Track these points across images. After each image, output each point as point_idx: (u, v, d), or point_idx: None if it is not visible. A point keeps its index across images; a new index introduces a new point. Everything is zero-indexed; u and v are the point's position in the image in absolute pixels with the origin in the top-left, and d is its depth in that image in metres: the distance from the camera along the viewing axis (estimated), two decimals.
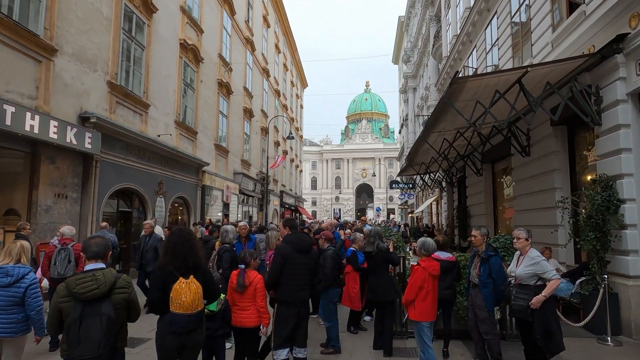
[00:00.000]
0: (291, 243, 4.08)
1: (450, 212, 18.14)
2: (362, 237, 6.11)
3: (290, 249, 4.04)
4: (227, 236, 5.34)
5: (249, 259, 4.02)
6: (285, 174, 34.29)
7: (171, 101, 13.72)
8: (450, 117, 8.49)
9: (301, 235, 4.25)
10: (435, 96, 23.45)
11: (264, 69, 26.72)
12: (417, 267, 4.35)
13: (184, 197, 14.67)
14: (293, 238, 4.14)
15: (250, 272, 3.98)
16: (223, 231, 5.42)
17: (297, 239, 4.12)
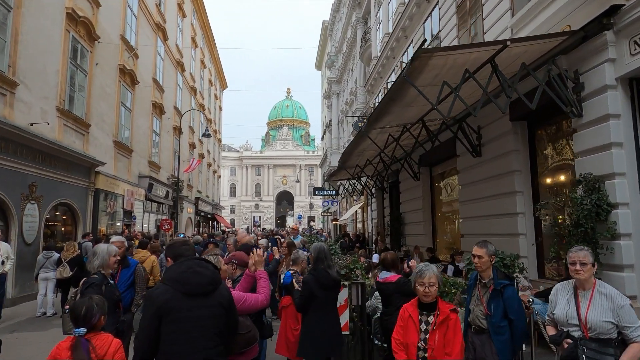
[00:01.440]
0: (174, 283, 2.32)
1: (380, 219, 17.22)
2: (305, 256, 4.47)
3: (172, 294, 2.27)
4: (96, 260, 3.37)
5: (96, 315, 2.22)
6: (201, 179, 31.47)
7: (52, 83, 10.94)
8: (398, 109, 7.26)
9: (194, 266, 2.45)
10: (363, 99, 22.74)
11: (178, 61, 24.03)
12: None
13: (69, 204, 11.82)
14: (177, 273, 2.37)
15: (99, 337, 2.22)
16: (91, 254, 3.45)
17: (183, 276, 2.35)
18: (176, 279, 2.30)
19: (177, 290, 2.26)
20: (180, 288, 2.27)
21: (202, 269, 2.40)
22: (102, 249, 3.43)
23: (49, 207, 10.77)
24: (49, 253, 8.73)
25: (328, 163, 37.02)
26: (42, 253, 8.76)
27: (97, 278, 3.26)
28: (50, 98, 10.84)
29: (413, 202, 12.10)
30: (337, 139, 33.97)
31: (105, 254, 3.39)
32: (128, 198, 15.55)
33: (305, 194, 78.52)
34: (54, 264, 8.69)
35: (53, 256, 8.74)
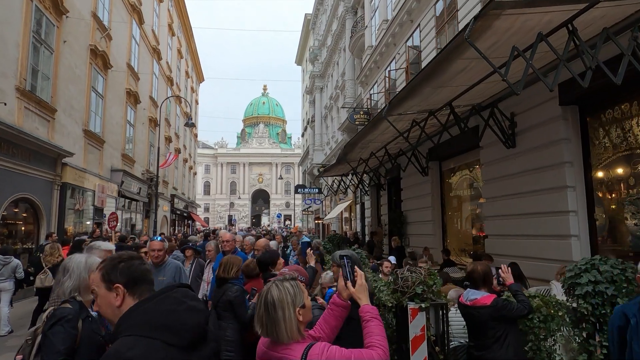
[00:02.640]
0: (162, 332, 1.28)
1: (374, 218, 16.25)
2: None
3: (165, 354, 1.24)
4: (69, 281, 2.16)
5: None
6: (177, 175, 29.76)
7: (10, 58, 9.38)
8: (429, 90, 6.24)
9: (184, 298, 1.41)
10: (352, 92, 21.75)
11: (154, 48, 22.36)
12: None
13: (30, 199, 10.25)
14: (163, 315, 1.32)
15: None
16: (61, 270, 2.22)
17: (176, 318, 1.33)
18: (165, 325, 1.28)
19: (171, 345, 1.23)
20: (174, 340, 1.25)
21: (195, 301, 1.44)
22: (77, 263, 2.19)
23: (6, 202, 9.21)
24: (6, 258, 7.29)
25: (310, 160, 35.91)
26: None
27: (69, 309, 2.04)
28: (8, 75, 9.28)
29: (419, 200, 11.15)
30: (320, 135, 32.90)
31: (83, 270, 2.17)
32: (99, 194, 13.98)
33: (282, 193, 77.22)
34: (11, 271, 7.27)
35: (11, 262, 7.32)
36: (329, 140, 29.19)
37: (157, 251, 3.98)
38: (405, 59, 12.43)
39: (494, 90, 6.82)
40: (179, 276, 4.05)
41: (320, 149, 32.41)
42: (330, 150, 28.05)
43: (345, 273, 1.88)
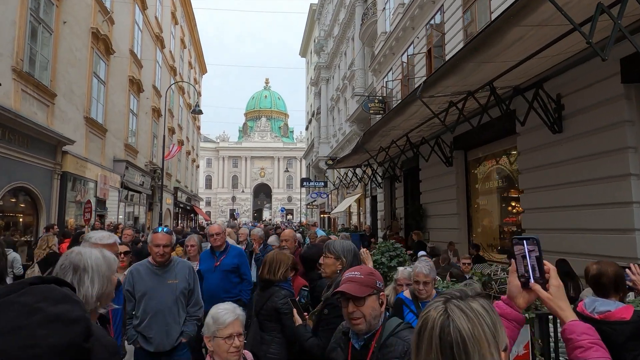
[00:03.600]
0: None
1: (387, 212, 15.61)
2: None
3: None
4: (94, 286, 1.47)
5: None
6: (180, 168, 29.11)
7: (7, 37, 8.70)
8: (472, 66, 5.57)
9: None
10: (363, 82, 21.03)
11: (157, 36, 21.64)
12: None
13: (28, 189, 9.61)
14: None
15: None
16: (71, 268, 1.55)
17: None
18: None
19: None
20: None
21: (65, 305, 0.88)
22: (95, 259, 1.52)
23: (3, 191, 8.57)
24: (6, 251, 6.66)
25: (315, 153, 35.22)
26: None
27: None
28: (4, 55, 8.61)
29: (441, 192, 10.50)
30: (326, 127, 32.20)
31: (107, 268, 1.51)
32: (101, 185, 13.33)
33: (284, 187, 76.57)
34: (10, 267, 6.66)
35: (8, 257, 6.70)
36: (336, 132, 28.50)
37: (162, 247, 3.13)
38: (425, 43, 11.73)
39: (540, 68, 6.15)
40: (192, 280, 3.30)
41: (326, 141, 31.71)
42: (337, 142, 27.37)
43: (529, 267, 1.22)
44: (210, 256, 4.42)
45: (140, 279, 3.20)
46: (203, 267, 4.33)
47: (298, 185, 73.56)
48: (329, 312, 2.27)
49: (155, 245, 3.16)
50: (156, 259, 3.19)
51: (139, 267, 3.26)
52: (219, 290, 4.02)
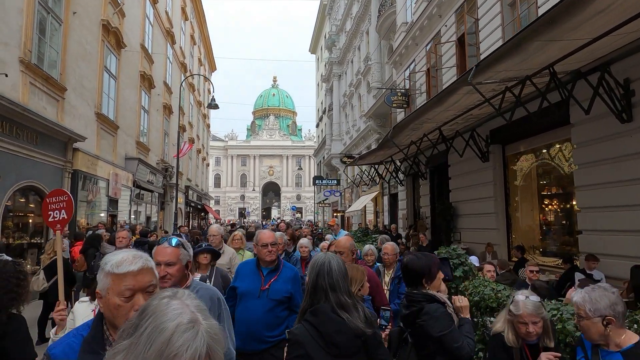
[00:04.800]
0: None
1: (409, 210, 14.92)
2: None
3: None
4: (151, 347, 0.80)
5: None
6: (191, 166, 28.62)
7: (13, 26, 8.14)
8: (537, 45, 4.88)
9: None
10: (379, 76, 20.33)
11: (168, 31, 21.10)
12: None
13: (37, 188, 9.06)
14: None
15: None
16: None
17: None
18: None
19: None
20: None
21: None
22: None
23: (10, 191, 8.02)
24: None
25: (327, 150, 34.55)
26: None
27: None
28: (11, 45, 8.05)
29: (476, 189, 9.80)
30: (338, 124, 31.52)
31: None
32: (113, 183, 12.80)
33: (292, 186, 76.06)
34: None
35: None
36: (349, 129, 27.83)
37: (163, 266, 2.00)
38: (455, 31, 11.01)
39: (608, 48, 5.43)
40: (217, 314, 2.15)
41: (338, 138, 31.04)
42: (351, 139, 26.70)
43: None
44: (254, 272, 3.13)
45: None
46: (243, 287, 3.09)
47: (307, 184, 73.29)
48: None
49: (158, 257, 2.03)
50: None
51: None
52: (262, 326, 2.94)
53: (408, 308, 2.33)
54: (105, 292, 1.36)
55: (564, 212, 7.77)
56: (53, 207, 3.25)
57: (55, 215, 3.23)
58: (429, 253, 2.65)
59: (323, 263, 2.06)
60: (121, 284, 1.33)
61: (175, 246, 2.06)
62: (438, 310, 2.22)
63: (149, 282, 1.37)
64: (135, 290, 1.34)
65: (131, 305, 1.32)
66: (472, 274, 4.06)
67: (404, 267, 2.44)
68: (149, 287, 1.37)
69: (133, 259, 1.37)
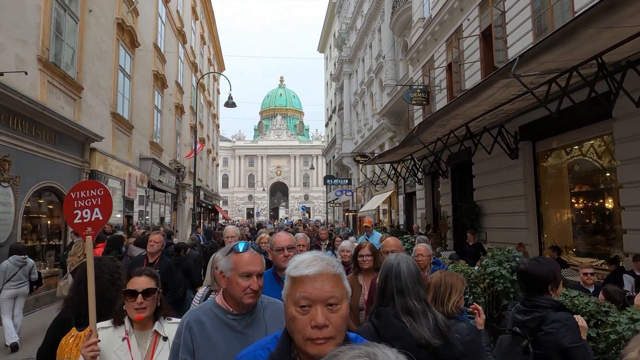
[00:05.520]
0: None
1: (429, 210, 14.63)
2: None
3: None
4: None
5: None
6: (202, 166, 28.48)
7: (30, 24, 7.98)
8: (591, 33, 4.59)
9: None
10: (392, 74, 20.03)
11: (179, 30, 20.96)
12: None
13: (56, 188, 8.91)
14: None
15: None
16: None
17: None
18: None
19: None
20: None
21: None
22: None
23: (30, 191, 7.86)
24: (23, 259, 5.93)
25: (337, 150, 34.27)
26: (10, 258, 5.95)
27: None
28: (29, 43, 7.88)
29: (504, 188, 9.48)
30: (349, 123, 31.24)
31: None
32: (130, 184, 12.64)
33: (300, 185, 75.89)
34: (28, 274, 5.95)
35: (28, 263, 5.99)
36: (361, 127, 27.54)
37: (256, 277, 1.71)
38: (478, 24, 10.70)
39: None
40: None
41: (349, 137, 30.77)
42: (362, 138, 26.43)
43: None
44: (273, 285, 2.58)
45: (205, 338, 1.70)
46: None
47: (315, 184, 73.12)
48: None
49: (241, 276, 1.68)
50: (244, 300, 1.69)
51: (200, 315, 1.73)
52: None
53: (529, 314, 2.13)
54: (286, 299, 1.16)
55: (602, 211, 7.46)
56: (81, 204, 2.36)
57: (84, 215, 2.35)
58: (547, 257, 2.41)
59: (392, 265, 1.94)
60: (296, 290, 1.12)
61: (259, 251, 1.78)
62: (570, 320, 2.01)
63: (329, 292, 1.11)
64: (312, 301, 1.09)
65: (309, 319, 1.07)
66: None
67: (523, 274, 2.22)
68: (331, 299, 1.10)
69: (311, 260, 1.15)
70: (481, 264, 4.24)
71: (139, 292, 2.01)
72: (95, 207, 2.37)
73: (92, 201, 2.36)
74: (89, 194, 2.37)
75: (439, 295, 2.07)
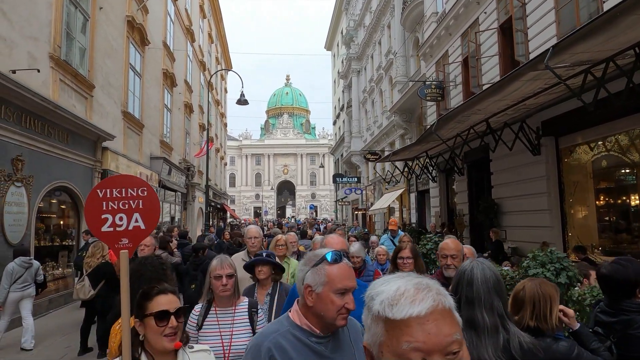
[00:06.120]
0: None
1: (444, 208, 14.37)
2: None
3: None
4: None
5: None
6: (210, 165, 28.33)
7: (42, 21, 7.84)
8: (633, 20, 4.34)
9: None
10: (403, 70, 19.75)
11: (187, 29, 20.83)
12: None
13: (68, 188, 8.79)
14: None
15: None
16: None
17: None
18: None
19: None
20: None
21: None
22: None
23: (43, 191, 7.73)
24: (29, 261, 5.79)
25: (345, 148, 34.03)
26: (16, 260, 5.81)
27: None
28: (41, 40, 7.75)
29: (525, 185, 9.22)
30: (358, 120, 30.99)
31: None
32: None
33: (307, 184, 75.75)
34: (34, 276, 5.80)
35: (33, 265, 5.85)
36: (370, 125, 27.28)
37: (349, 292, 1.47)
38: (496, 17, 10.43)
39: None
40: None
41: (358, 135, 30.53)
42: (372, 136, 26.17)
43: None
44: None
45: None
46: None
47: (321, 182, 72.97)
48: None
49: (336, 293, 1.41)
50: (337, 322, 1.41)
51: (279, 339, 1.44)
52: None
53: (614, 316, 1.99)
54: (379, 349, 0.81)
55: (629, 208, 7.19)
56: (112, 206, 1.82)
57: (117, 221, 1.82)
58: (630, 258, 2.21)
59: (464, 271, 1.76)
60: (400, 338, 0.77)
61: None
62: None
63: (449, 337, 0.77)
64: (426, 353, 0.76)
65: None
66: (577, 280, 3.56)
67: (606, 278, 2.02)
68: (452, 345, 0.77)
69: (415, 292, 0.80)
70: (521, 265, 4.01)
71: (171, 313, 1.59)
72: (135, 211, 1.83)
73: (129, 203, 1.83)
74: (125, 193, 1.83)
75: (539, 310, 1.83)
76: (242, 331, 2.37)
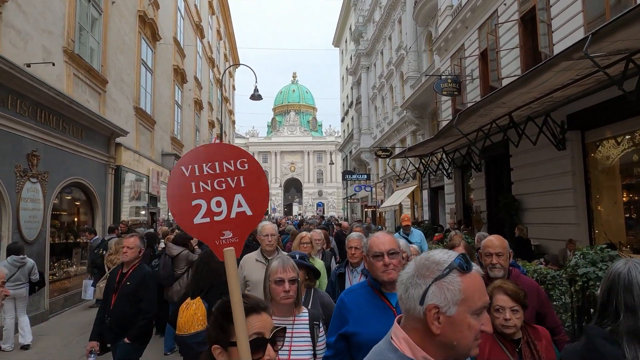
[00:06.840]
0: None
1: (459, 204, 14.11)
2: None
3: None
4: None
5: None
6: None
7: (57, 13, 7.70)
8: None
9: None
10: (415, 65, 19.46)
11: (197, 25, 20.68)
12: None
13: (83, 184, 8.66)
14: None
15: None
16: None
17: None
18: None
19: None
20: None
21: None
22: None
23: (58, 187, 7.61)
24: (22, 259, 5.61)
25: (354, 145, 33.80)
26: (8, 258, 5.62)
27: None
28: (55, 34, 7.61)
29: (548, 181, 8.95)
30: (367, 117, 30.73)
31: None
32: (154, 180, 12.39)
33: (314, 181, 75.59)
34: (27, 275, 5.64)
35: (27, 263, 5.67)
36: (380, 122, 27.02)
37: None
38: (517, 9, 10.14)
39: None
40: None
41: (368, 132, 30.29)
42: (382, 132, 25.91)
43: None
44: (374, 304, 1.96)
45: None
46: (369, 333, 1.82)
47: (328, 179, 72.77)
48: None
49: (474, 314, 1.02)
50: (472, 352, 1.03)
51: None
52: None
53: None
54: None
55: None
56: (205, 187, 1.36)
57: (213, 208, 1.35)
58: None
59: (618, 274, 1.50)
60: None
61: None
62: None
63: None
64: None
65: None
66: None
67: None
68: None
69: None
70: (569, 264, 3.79)
71: (267, 340, 1.22)
72: (236, 192, 1.36)
73: (227, 181, 1.35)
74: (220, 168, 1.36)
75: None
76: (301, 347, 2.07)
